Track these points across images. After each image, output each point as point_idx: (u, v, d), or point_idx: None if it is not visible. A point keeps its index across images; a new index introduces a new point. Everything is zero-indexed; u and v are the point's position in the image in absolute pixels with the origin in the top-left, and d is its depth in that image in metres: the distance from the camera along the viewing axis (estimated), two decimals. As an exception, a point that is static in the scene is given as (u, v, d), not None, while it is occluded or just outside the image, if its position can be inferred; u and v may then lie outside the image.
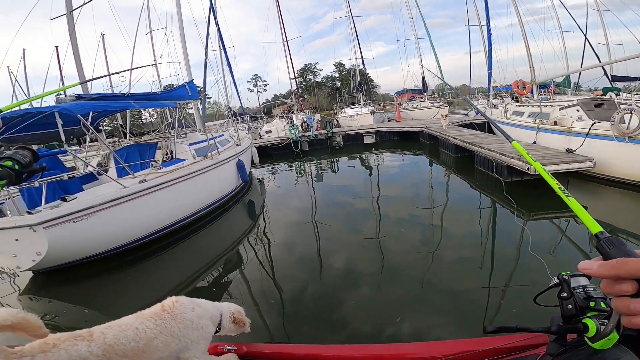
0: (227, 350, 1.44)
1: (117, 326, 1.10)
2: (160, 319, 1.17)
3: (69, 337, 0.99)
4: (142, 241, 5.68)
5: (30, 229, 4.36)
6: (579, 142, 6.86)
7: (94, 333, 1.04)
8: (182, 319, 1.22)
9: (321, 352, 1.39)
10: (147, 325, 1.13)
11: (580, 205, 0.67)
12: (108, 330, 1.07)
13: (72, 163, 7.91)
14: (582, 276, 0.77)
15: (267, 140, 18.00)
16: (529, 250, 4.04)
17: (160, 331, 1.14)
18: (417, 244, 4.92)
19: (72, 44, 8.49)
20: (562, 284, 0.78)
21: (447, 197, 7.32)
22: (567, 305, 0.74)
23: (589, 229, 0.60)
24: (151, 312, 1.20)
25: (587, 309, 0.71)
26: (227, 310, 1.46)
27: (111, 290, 4.65)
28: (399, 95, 33.61)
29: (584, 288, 0.74)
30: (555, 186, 0.79)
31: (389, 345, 1.44)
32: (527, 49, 10.26)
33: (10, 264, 4.60)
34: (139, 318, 1.17)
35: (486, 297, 3.38)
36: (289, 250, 5.34)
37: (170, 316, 1.20)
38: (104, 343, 1.02)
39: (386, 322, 3.15)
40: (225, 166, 8.22)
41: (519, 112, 10.61)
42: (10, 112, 6.14)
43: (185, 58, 10.85)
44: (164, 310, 1.21)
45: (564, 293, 0.77)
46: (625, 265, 0.47)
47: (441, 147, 12.16)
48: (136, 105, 7.46)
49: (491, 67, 13.70)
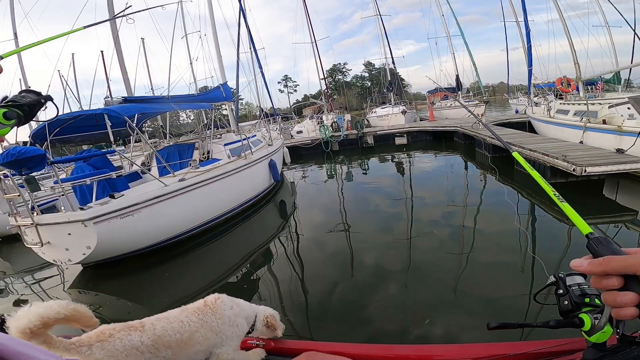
0: (255, 344, 1.48)
1: (165, 318, 1.16)
2: (203, 313, 1.23)
3: (123, 328, 1.06)
4: (180, 237, 5.98)
5: (82, 224, 4.72)
6: (630, 142, 6.34)
7: (145, 324, 1.10)
8: (222, 315, 1.27)
9: (348, 351, 1.39)
10: (191, 319, 1.19)
11: (573, 210, 0.73)
12: (157, 322, 1.13)
13: (118, 162, 8.48)
14: (578, 275, 0.81)
15: (298, 141, 18.23)
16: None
17: (202, 325, 1.19)
18: (449, 246, 4.79)
19: (116, 49, 9.07)
20: (559, 282, 0.82)
21: (482, 199, 7.04)
22: (564, 301, 0.78)
23: (580, 230, 0.66)
24: (195, 307, 1.26)
25: (583, 304, 0.75)
26: (262, 313, 1.50)
27: (151, 284, 4.92)
28: (431, 94, 32.72)
29: (579, 285, 0.78)
30: (550, 191, 0.84)
31: (416, 346, 1.43)
32: (571, 44, 9.64)
33: (62, 257, 4.97)
34: (184, 312, 1.22)
35: (523, 303, 3.24)
36: (319, 249, 5.40)
37: (212, 311, 1.25)
38: (153, 334, 1.08)
39: (414, 324, 3.12)
40: (258, 166, 8.45)
41: (563, 110, 9.98)
42: (65, 114, 6.71)
43: (219, 60, 11.26)
44: (206, 306, 1.27)
45: (560, 290, 0.81)
46: (611, 263, 0.52)
47: (477, 147, 11.70)
48: (175, 107, 7.87)
49: (531, 64, 13.00)
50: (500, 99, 41.62)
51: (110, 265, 5.33)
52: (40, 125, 6.54)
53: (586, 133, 7.97)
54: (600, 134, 7.49)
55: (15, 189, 4.94)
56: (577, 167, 5.79)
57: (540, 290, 0.93)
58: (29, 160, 4.82)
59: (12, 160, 4.61)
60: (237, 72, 17.46)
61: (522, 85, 25.92)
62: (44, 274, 5.81)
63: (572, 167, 5.89)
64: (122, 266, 5.35)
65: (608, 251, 0.56)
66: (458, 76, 27.43)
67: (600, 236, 0.60)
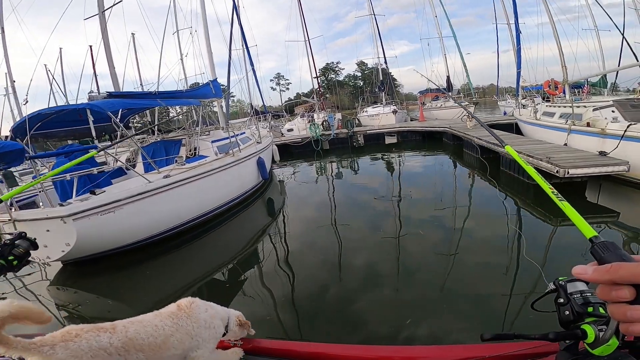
0: (233, 344, 1.46)
1: (139, 322, 1.14)
2: (177, 317, 1.21)
3: (92, 328, 1.02)
4: (164, 235, 5.88)
5: (60, 220, 4.60)
6: (613, 145, 6.47)
7: (117, 326, 1.07)
8: (197, 318, 1.26)
9: (326, 351, 1.38)
10: (165, 322, 1.17)
11: (574, 209, 0.67)
12: (130, 325, 1.10)
13: (103, 158, 8.31)
14: (579, 281, 0.76)
15: (288, 139, 18.16)
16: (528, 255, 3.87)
17: (177, 329, 1.18)
18: (436, 246, 4.82)
19: (104, 43, 8.86)
20: (559, 289, 0.77)
21: (470, 199, 7.11)
22: (565, 311, 0.73)
23: (583, 233, 0.60)
24: (168, 311, 1.24)
25: (585, 314, 0.70)
26: (233, 314, 1.50)
27: (133, 283, 4.83)
28: (422, 94, 32.97)
29: (581, 293, 0.73)
30: (548, 190, 0.79)
31: (395, 347, 1.42)
32: (559, 48, 9.79)
33: (41, 254, 4.82)
34: (158, 316, 1.20)
35: (506, 303, 3.27)
36: (307, 248, 5.37)
37: (187, 315, 1.24)
38: (125, 336, 1.05)
39: (397, 324, 3.12)
40: (246, 163, 8.37)
41: (549, 112, 10.15)
42: (47, 108, 6.53)
43: (209, 57, 11.09)
44: (180, 310, 1.25)
45: (560, 299, 0.76)
46: (619, 270, 0.45)
47: (465, 148, 11.83)
48: (163, 102, 7.74)
49: (520, 66, 13.15)
50: (489, 101, 42.21)
51: (91, 263, 5.21)
52: (21, 119, 6.36)
53: (570, 135, 8.11)
54: (584, 136, 7.63)
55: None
56: (560, 168, 5.89)
57: (538, 298, 0.88)
58: (7, 154, 4.69)
59: (-11, 155, 4.47)
60: (228, 69, 17.32)
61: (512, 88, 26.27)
62: (24, 271, 5.63)
63: (556, 168, 5.99)
64: (103, 264, 5.25)
65: (616, 257, 0.49)
66: (449, 77, 27.72)
67: (607, 241, 0.53)
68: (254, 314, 3.57)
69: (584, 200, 6.06)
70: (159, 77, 13.81)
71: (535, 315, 0.93)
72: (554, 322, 0.79)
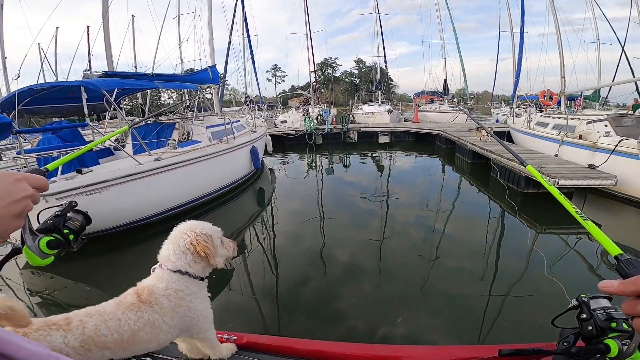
0: (226, 339, 1.42)
1: (99, 314, 0.99)
2: (141, 310, 1.05)
3: (42, 326, 0.89)
4: (151, 219, 5.75)
5: (43, 199, 4.42)
6: (603, 158, 6.62)
7: (71, 321, 0.93)
8: (162, 308, 1.09)
9: (321, 348, 1.38)
10: (129, 317, 1.02)
11: (598, 228, 0.68)
12: (88, 319, 0.96)
13: (90, 137, 8.07)
14: (602, 298, 0.77)
15: (282, 130, 18.02)
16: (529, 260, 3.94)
17: (144, 323, 1.04)
18: (421, 248, 4.86)
19: (104, 24, 8.58)
20: (582, 305, 0.78)
21: (458, 204, 7.19)
22: (587, 326, 0.74)
23: (609, 251, 0.62)
24: (129, 302, 1.06)
25: (609, 329, 0.71)
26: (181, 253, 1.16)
27: (114, 268, 4.61)
28: (417, 96, 33.15)
29: (604, 309, 0.74)
30: (572, 210, 0.81)
31: (393, 346, 1.42)
32: (561, 59, 9.95)
33: (17, 234, 4.62)
34: (120, 307, 1.04)
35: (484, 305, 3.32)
36: (294, 241, 5.34)
37: (149, 307, 1.07)
38: (82, 334, 0.92)
39: (384, 322, 3.13)
40: (239, 151, 8.26)
41: (543, 122, 10.32)
42: (38, 84, 6.29)
43: (210, 43, 10.88)
44: (141, 302, 1.07)
45: (583, 314, 0.77)
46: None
47: (457, 152, 11.95)
48: (159, 85, 7.55)
49: (519, 75, 13.30)
50: (482, 107, 42.71)
51: (71, 246, 5.02)
52: (11, 93, 6.11)
53: (562, 147, 8.26)
54: (575, 148, 7.78)
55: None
56: (551, 178, 5.99)
57: (559, 314, 0.87)
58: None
59: (-27, 126, 4.27)
60: (226, 57, 17.02)
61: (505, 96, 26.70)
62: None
63: (546, 178, 6.09)
64: (83, 247, 5.00)
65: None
66: (446, 81, 27.95)
67: (632, 258, 0.56)
68: (239, 307, 3.54)
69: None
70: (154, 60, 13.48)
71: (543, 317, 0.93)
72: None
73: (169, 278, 1.13)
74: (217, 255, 1.19)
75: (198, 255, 1.15)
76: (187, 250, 1.14)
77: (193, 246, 1.14)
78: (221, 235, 1.28)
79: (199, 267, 1.18)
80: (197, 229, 1.18)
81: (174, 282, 1.13)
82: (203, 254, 1.14)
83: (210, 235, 1.20)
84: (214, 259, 1.17)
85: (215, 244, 1.20)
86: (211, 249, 1.16)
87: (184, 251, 1.15)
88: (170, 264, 1.15)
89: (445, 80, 27.82)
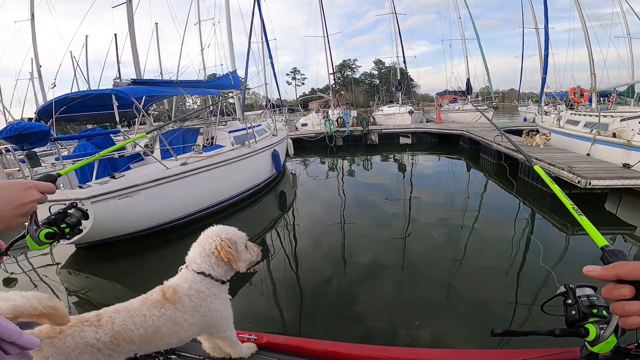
0: (247, 339, 1.45)
1: (126, 310, 1.06)
2: (164, 307, 1.11)
3: (76, 322, 0.96)
4: (177, 222, 5.97)
5: (79, 202, 4.67)
6: (638, 157, 6.26)
7: (102, 318, 1.00)
8: (184, 306, 1.14)
9: (339, 350, 1.39)
10: (153, 312, 1.08)
11: (590, 223, 0.77)
12: (116, 315, 1.03)
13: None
14: (588, 287, 0.83)
15: (303, 133, 18.17)
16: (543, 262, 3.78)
17: (167, 320, 1.09)
18: (445, 250, 4.77)
19: (130, 32, 9.01)
20: (568, 292, 0.84)
21: (483, 205, 6.99)
22: (571, 311, 0.80)
23: (596, 242, 0.70)
24: (154, 299, 1.13)
25: (590, 315, 0.76)
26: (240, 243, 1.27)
27: (143, 269, 4.82)
28: (439, 96, 32.48)
29: (588, 297, 0.80)
30: (569, 206, 0.88)
31: (409, 349, 1.41)
32: (590, 54, 9.47)
33: None
34: (146, 303, 1.10)
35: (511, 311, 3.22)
36: (316, 244, 5.38)
37: (172, 305, 1.12)
38: (112, 329, 0.99)
39: (403, 324, 3.11)
40: (261, 155, 8.42)
41: (573, 120, 9.86)
42: (73, 93, 6.69)
43: (230, 48, 11.20)
44: (166, 300, 1.13)
45: (569, 300, 0.82)
46: (624, 267, 0.54)
47: (482, 152, 11.61)
48: (183, 91, 7.84)
49: (546, 72, 12.77)
50: (509, 106, 41.30)
51: (104, 247, 5.27)
52: (48, 102, 6.52)
53: (594, 145, 7.87)
54: (608, 147, 7.39)
55: (16, 164, 4.93)
56: (582, 179, 5.73)
57: (548, 299, 0.93)
58: (32, 135, 4.80)
59: (15, 135, 4.59)
60: (246, 61, 17.34)
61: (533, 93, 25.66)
62: (36, 253, 5.68)
63: (577, 178, 5.83)
64: (116, 248, 5.29)
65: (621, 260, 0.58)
66: (469, 80, 27.23)
67: (615, 248, 0.62)
68: (260, 308, 3.61)
69: (602, 211, 5.89)
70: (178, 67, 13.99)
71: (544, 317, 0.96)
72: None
73: (193, 279, 1.19)
74: (239, 260, 1.24)
75: (221, 260, 1.21)
76: (211, 254, 1.21)
77: (217, 250, 1.19)
78: (246, 240, 1.32)
79: (222, 271, 1.24)
80: (222, 234, 1.24)
81: (196, 283, 1.19)
82: (226, 259, 1.20)
83: (235, 241, 1.24)
84: (236, 263, 1.22)
85: (239, 249, 1.25)
86: (234, 254, 1.21)
87: (208, 255, 1.21)
88: (196, 266, 1.22)
89: (468, 79, 27.11)
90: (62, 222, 0.96)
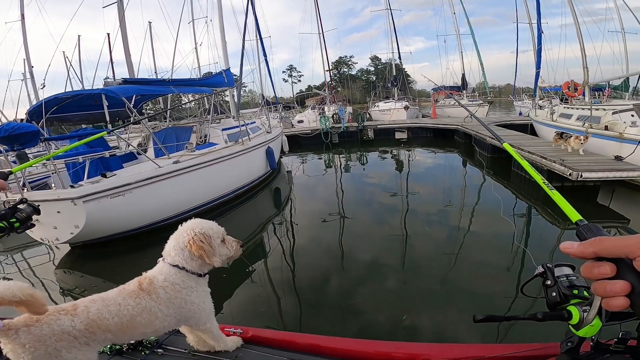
0: (232, 332, 1.46)
1: (102, 300, 1.08)
2: (139, 297, 1.12)
3: (53, 311, 0.98)
4: (171, 220, 5.94)
5: (71, 202, 4.65)
6: (630, 150, 6.29)
7: (78, 307, 1.02)
8: (158, 297, 1.15)
9: (324, 344, 1.39)
10: (128, 302, 1.10)
11: (562, 197, 0.73)
12: (92, 305, 1.04)
13: (115, 142, 8.43)
14: (566, 266, 0.79)
15: (298, 130, 18.15)
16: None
17: (142, 309, 1.10)
18: (442, 244, 4.79)
19: (122, 31, 8.94)
20: (547, 272, 0.80)
21: (479, 198, 7.02)
22: (552, 293, 0.77)
23: (570, 217, 0.65)
24: (130, 289, 1.15)
25: (571, 296, 0.73)
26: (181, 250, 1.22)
27: (139, 267, 4.79)
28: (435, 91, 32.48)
29: (567, 277, 0.77)
30: (539, 180, 0.83)
31: (396, 343, 1.42)
32: (582, 49, 9.50)
33: (50, 235, 4.88)
34: (122, 293, 1.13)
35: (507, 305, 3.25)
36: (312, 240, 5.39)
37: (148, 295, 1.13)
38: (87, 317, 1.00)
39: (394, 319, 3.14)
40: (255, 152, 8.41)
41: (566, 114, 9.90)
42: (63, 93, 6.65)
43: (223, 47, 11.11)
44: (141, 290, 1.14)
45: (548, 281, 0.79)
46: (602, 242, 0.48)
47: (477, 146, 11.65)
48: (175, 90, 7.80)
49: (539, 66, 12.82)
50: (505, 101, 41.34)
51: (99, 246, 5.28)
52: (38, 103, 6.48)
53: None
54: (600, 140, 7.42)
55: (8, 164, 4.90)
56: (573, 171, 5.76)
57: (527, 281, 0.90)
58: (22, 136, 4.78)
59: (5, 136, 4.58)
60: (241, 59, 17.29)
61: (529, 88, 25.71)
62: (31, 253, 5.70)
63: (569, 171, 5.86)
64: (110, 247, 5.30)
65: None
66: (464, 75, 27.26)
67: (590, 223, 0.58)
68: (255, 304, 3.62)
69: (595, 204, 5.92)
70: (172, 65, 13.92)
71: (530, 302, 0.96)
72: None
73: (168, 271, 1.20)
74: (214, 255, 1.23)
75: (193, 254, 1.20)
76: (185, 248, 1.20)
77: (190, 245, 1.19)
78: (223, 235, 1.31)
79: (196, 265, 1.23)
80: (197, 228, 1.23)
81: (171, 275, 1.20)
82: (197, 254, 1.20)
83: (210, 235, 1.24)
84: (209, 258, 1.21)
85: (214, 244, 1.24)
86: (207, 249, 1.20)
87: (182, 248, 1.21)
88: (170, 259, 1.22)
89: (463, 74, 27.15)
90: (11, 217, 0.98)
